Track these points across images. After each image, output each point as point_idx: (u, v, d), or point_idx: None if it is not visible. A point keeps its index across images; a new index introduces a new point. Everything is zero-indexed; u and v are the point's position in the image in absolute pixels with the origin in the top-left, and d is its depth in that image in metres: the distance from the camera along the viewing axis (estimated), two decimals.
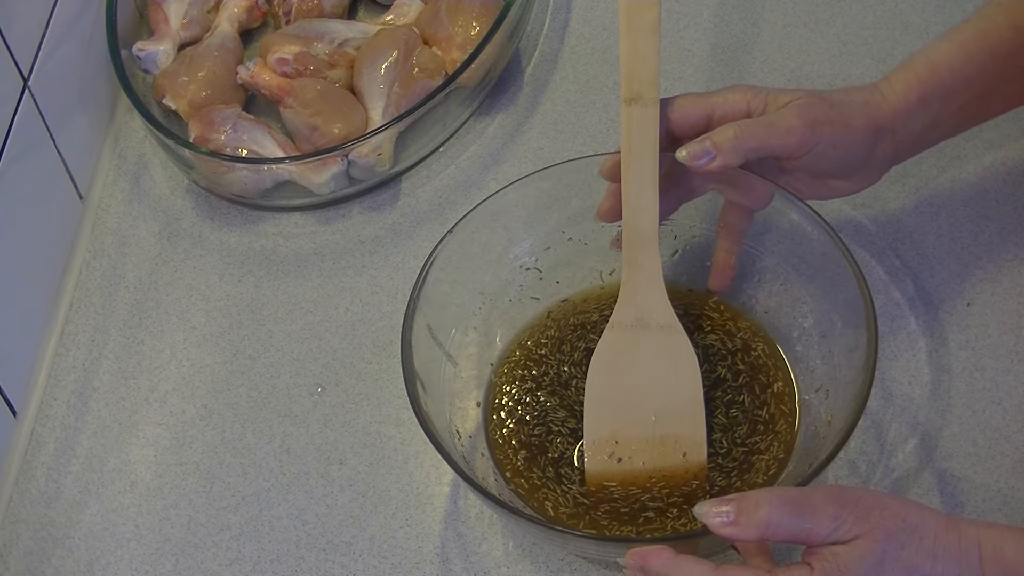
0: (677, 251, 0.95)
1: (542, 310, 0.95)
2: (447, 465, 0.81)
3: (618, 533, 0.85)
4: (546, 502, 0.87)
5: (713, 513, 0.73)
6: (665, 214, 0.90)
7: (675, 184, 0.88)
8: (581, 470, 0.88)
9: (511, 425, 0.91)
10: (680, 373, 0.87)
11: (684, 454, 0.87)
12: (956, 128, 0.91)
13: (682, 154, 0.84)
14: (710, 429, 0.88)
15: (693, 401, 0.87)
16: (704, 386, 0.88)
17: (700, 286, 0.94)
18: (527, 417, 0.91)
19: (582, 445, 0.88)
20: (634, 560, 0.75)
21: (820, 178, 0.88)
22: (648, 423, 0.87)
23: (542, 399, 0.91)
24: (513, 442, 0.90)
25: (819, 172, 0.87)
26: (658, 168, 0.85)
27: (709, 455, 0.87)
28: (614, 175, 0.87)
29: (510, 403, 0.92)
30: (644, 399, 0.87)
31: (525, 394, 0.92)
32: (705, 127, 0.86)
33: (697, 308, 0.94)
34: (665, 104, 0.86)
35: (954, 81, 0.87)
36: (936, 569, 0.72)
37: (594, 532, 0.85)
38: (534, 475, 0.88)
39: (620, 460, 0.87)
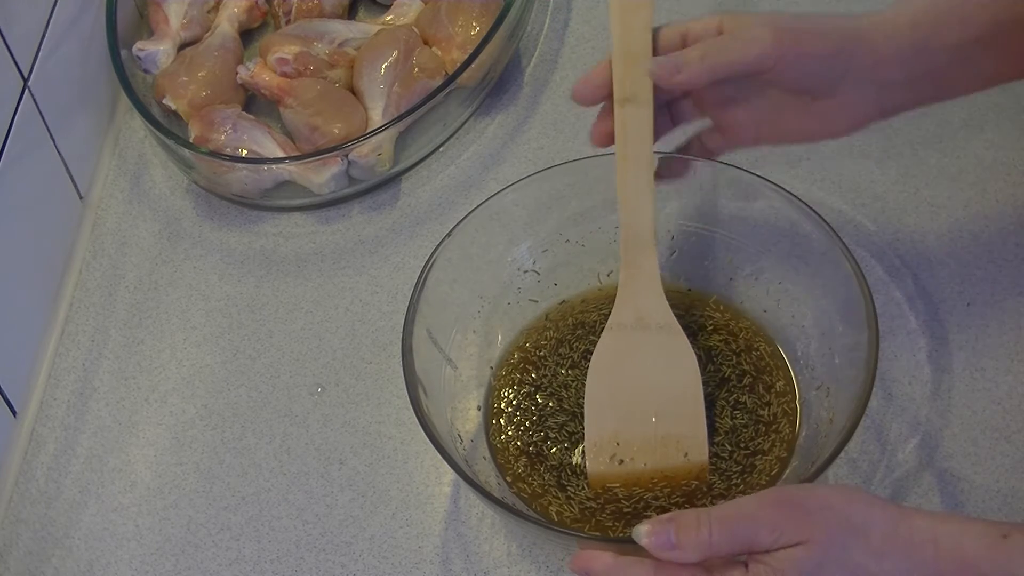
0: (675, 251, 0.95)
1: (540, 312, 0.95)
2: (447, 466, 0.81)
3: (622, 534, 0.85)
4: (549, 507, 0.87)
5: (651, 541, 0.72)
6: (660, 134, 0.88)
7: (662, 109, 0.87)
8: (583, 474, 0.88)
9: (511, 431, 0.91)
10: (680, 373, 0.87)
11: (686, 454, 0.87)
12: (948, 72, 0.86)
13: (651, 67, 0.83)
14: (713, 430, 0.88)
15: (693, 401, 0.87)
16: (708, 387, 0.89)
17: (699, 286, 0.94)
18: (527, 422, 0.91)
19: (583, 448, 0.88)
20: (578, 565, 0.75)
21: (799, 97, 0.84)
22: (649, 424, 0.87)
23: (541, 402, 0.91)
24: (512, 447, 0.90)
25: (793, 87, 0.84)
26: (652, 168, 0.85)
27: (713, 457, 0.87)
28: (594, 95, 0.86)
29: (509, 408, 0.91)
30: (644, 400, 0.87)
31: (524, 398, 0.92)
32: (680, 47, 0.85)
33: (698, 309, 0.94)
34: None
35: (950, 11, 0.84)
36: (883, 566, 0.70)
37: (595, 533, 0.85)
38: (535, 481, 0.88)
39: (622, 461, 0.87)
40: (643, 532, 0.73)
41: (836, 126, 0.87)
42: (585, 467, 0.88)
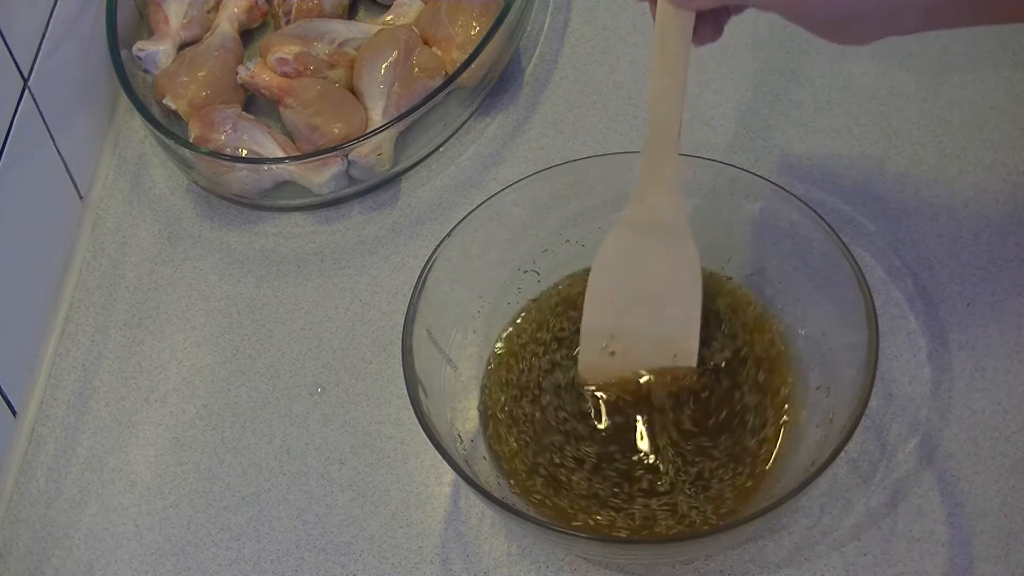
0: None
1: (534, 299, 0.95)
2: (447, 466, 0.81)
3: (619, 532, 0.85)
4: (546, 505, 0.87)
5: None
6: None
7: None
8: (580, 472, 0.88)
9: (505, 431, 0.90)
10: (682, 276, 0.87)
11: (675, 355, 0.88)
12: (970, 8, 0.82)
13: None
14: (715, 428, 0.88)
15: (690, 305, 0.87)
16: (708, 386, 0.89)
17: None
18: (522, 421, 0.91)
19: (582, 448, 0.88)
20: None
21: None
22: (644, 321, 0.88)
23: (535, 397, 0.91)
24: (511, 444, 0.90)
25: (815, 22, 0.82)
26: (687, 65, 0.83)
27: (712, 455, 0.87)
28: None
29: (505, 409, 0.91)
30: (643, 297, 0.88)
31: (516, 400, 0.92)
32: None
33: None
34: None
35: None
36: None
37: (595, 533, 0.85)
38: (535, 482, 0.88)
39: (613, 353, 0.87)
40: None
41: (853, 34, 0.84)
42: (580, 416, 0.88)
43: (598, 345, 0.88)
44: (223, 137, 1.06)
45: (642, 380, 0.89)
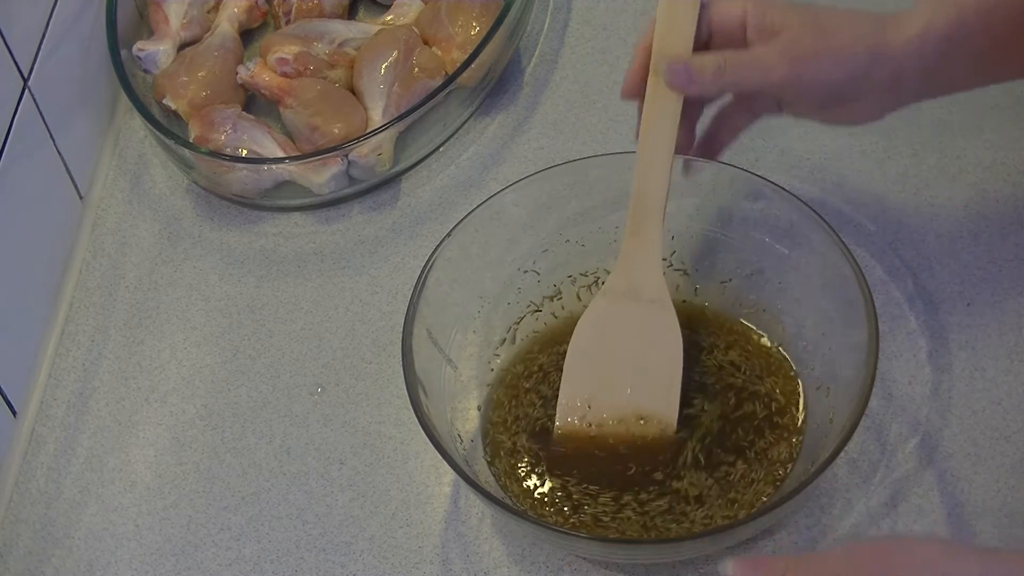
0: (675, 251, 0.94)
1: (535, 309, 0.95)
2: (447, 466, 0.81)
3: (614, 534, 0.85)
4: (547, 507, 0.87)
5: (737, 564, 0.71)
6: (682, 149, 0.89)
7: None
8: (579, 474, 0.88)
9: (508, 435, 0.90)
10: (663, 350, 0.87)
11: (656, 427, 0.87)
12: (965, 79, 0.87)
13: (662, 67, 0.84)
14: (715, 430, 0.88)
15: (671, 381, 0.87)
16: (709, 386, 0.89)
17: (698, 281, 0.94)
18: (524, 424, 0.91)
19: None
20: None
21: (812, 106, 0.86)
22: (623, 394, 0.87)
23: (540, 405, 0.91)
24: (512, 447, 0.90)
25: (809, 101, 0.86)
26: (674, 142, 0.85)
27: (715, 454, 0.87)
28: (635, 90, 0.86)
29: (507, 411, 0.91)
30: (623, 370, 0.88)
31: (521, 404, 0.92)
32: (704, 37, 0.85)
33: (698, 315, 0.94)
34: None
35: (977, 24, 0.84)
36: None
37: (596, 533, 0.85)
38: (534, 482, 0.88)
39: (590, 425, 0.87)
40: (728, 564, 0.71)
41: (845, 119, 0.88)
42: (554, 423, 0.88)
43: (575, 415, 0.88)
44: (223, 137, 1.06)
45: (622, 452, 0.88)
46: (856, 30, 0.84)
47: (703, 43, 0.86)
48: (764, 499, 0.84)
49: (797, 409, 0.89)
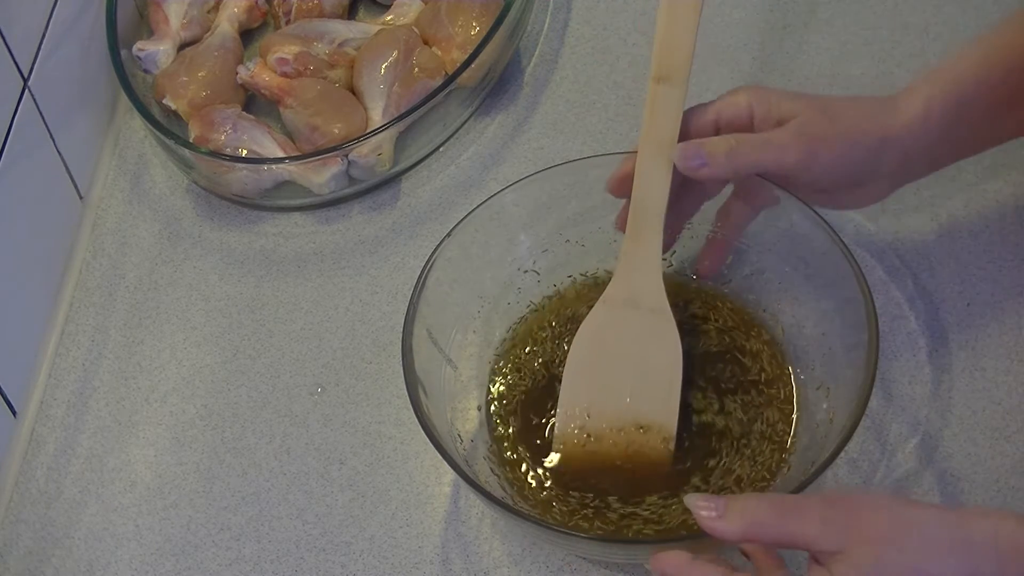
0: (675, 251, 0.94)
1: (535, 309, 0.95)
2: (447, 466, 0.81)
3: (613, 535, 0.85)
4: (551, 508, 0.87)
5: (700, 506, 0.73)
6: (688, 215, 0.90)
7: (690, 188, 0.88)
8: (579, 475, 0.88)
9: (510, 431, 0.91)
10: (662, 359, 0.87)
11: (652, 441, 0.87)
12: (968, 147, 0.89)
13: (674, 154, 0.84)
14: (709, 428, 0.88)
15: (670, 390, 0.87)
16: (707, 385, 0.89)
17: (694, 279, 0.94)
18: (524, 421, 0.91)
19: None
20: (655, 566, 0.76)
21: (823, 191, 0.87)
22: (623, 403, 0.87)
23: (539, 401, 0.91)
24: (513, 445, 0.90)
25: (821, 187, 0.87)
26: (674, 147, 0.85)
27: (712, 453, 0.87)
28: (622, 190, 0.87)
29: (507, 408, 0.91)
30: (622, 378, 0.87)
31: (520, 401, 0.92)
32: (712, 133, 0.86)
33: (700, 301, 0.94)
34: None
35: (976, 92, 0.85)
36: (943, 567, 0.70)
37: (596, 533, 0.85)
38: (534, 482, 0.88)
39: (589, 435, 0.87)
40: (693, 498, 0.74)
41: (854, 204, 0.89)
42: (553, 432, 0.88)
43: (574, 424, 0.88)
44: (223, 137, 1.06)
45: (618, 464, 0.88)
46: (862, 114, 0.85)
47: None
48: None
49: (794, 408, 0.89)
